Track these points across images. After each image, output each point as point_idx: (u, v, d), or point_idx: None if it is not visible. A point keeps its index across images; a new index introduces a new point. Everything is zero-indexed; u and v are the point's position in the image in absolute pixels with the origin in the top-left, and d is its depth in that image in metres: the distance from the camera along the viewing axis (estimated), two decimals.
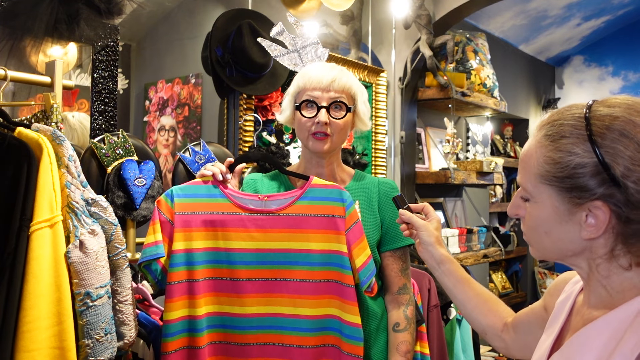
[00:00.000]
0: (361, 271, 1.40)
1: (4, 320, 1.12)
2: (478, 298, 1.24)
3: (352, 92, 1.52)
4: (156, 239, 1.35)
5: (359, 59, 2.97)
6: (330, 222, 1.41)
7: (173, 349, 1.33)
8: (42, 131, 1.29)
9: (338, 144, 1.54)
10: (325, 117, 1.48)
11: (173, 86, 2.51)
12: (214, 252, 1.39)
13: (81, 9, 1.55)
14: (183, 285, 1.36)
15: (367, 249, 1.42)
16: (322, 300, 1.39)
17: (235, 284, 1.39)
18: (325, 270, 1.40)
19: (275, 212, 1.41)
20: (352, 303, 1.38)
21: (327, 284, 1.40)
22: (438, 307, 2.35)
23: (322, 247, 1.40)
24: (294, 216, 1.42)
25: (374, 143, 2.88)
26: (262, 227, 1.41)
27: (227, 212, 1.40)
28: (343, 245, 1.40)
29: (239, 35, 2.10)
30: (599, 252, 0.89)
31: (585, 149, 0.85)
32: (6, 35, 1.50)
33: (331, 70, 1.51)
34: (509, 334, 1.20)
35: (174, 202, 1.39)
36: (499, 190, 4.82)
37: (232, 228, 1.40)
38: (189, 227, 1.38)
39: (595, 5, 4.77)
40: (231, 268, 1.39)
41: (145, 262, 1.35)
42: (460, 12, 3.40)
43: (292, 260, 1.40)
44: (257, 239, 1.40)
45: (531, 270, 5.25)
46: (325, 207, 1.42)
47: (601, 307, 0.90)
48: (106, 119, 1.71)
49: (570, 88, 5.78)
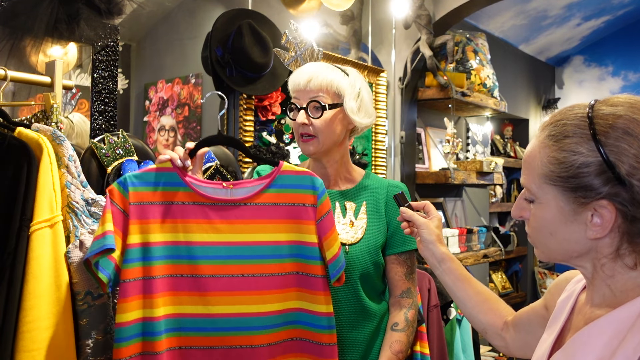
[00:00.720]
0: (332, 264, 1.31)
1: (4, 320, 1.13)
2: (479, 296, 1.24)
3: (334, 88, 1.46)
4: (105, 230, 1.17)
5: (359, 59, 2.97)
6: (301, 212, 1.32)
7: (127, 355, 1.17)
8: (42, 131, 1.29)
9: (327, 143, 1.48)
10: (302, 118, 1.45)
11: (173, 86, 2.51)
12: (173, 247, 1.25)
13: (81, 9, 1.55)
14: (138, 283, 1.21)
15: (338, 241, 1.33)
16: (288, 294, 1.30)
17: (197, 281, 1.25)
18: (293, 262, 1.31)
19: (241, 202, 1.30)
20: (320, 293, 1.30)
21: (293, 276, 1.31)
22: (438, 307, 2.35)
23: (291, 237, 1.31)
24: (262, 205, 1.31)
25: (374, 143, 2.88)
26: (227, 218, 1.28)
27: (188, 201, 1.27)
28: (313, 236, 1.31)
29: (239, 35, 2.10)
30: (605, 251, 0.89)
31: (589, 148, 0.85)
32: (6, 35, 1.50)
33: (310, 70, 1.47)
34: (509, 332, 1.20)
35: (129, 191, 1.23)
36: (499, 190, 4.82)
37: (193, 219, 1.27)
38: (145, 219, 1.24)
39: (595, 5, 4.78)
40: (193, 264, 1.26)
41: (93, 257, 1.16)
42: (460, 12, 3.40)
43: (261, 253, 1.29)
44: (222, 231, 1.28)
45: (531, 270, 5.25)
46: (295, 196, 1.32)
47: (604, 306, 0.89)
48: (106, 119, 1.71)
49: (570, 88, 5.78)
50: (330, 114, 1.46)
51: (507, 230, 4.86)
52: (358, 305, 1.48)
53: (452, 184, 3.27)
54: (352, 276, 1.47)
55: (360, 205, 1.53)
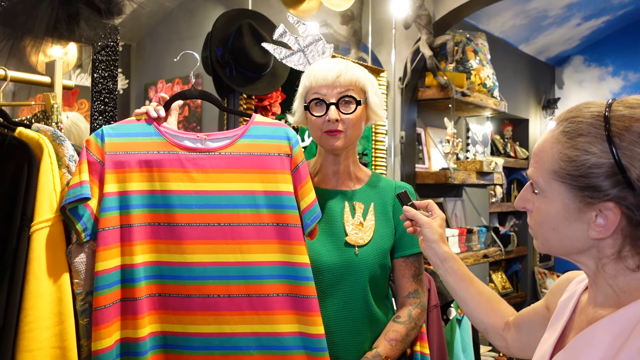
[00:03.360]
0: (306, 213, 1.31)
1: (5, 320, 1.12)
2: (480, 296, 1.24)
3: (361, 84, 1.47)
4: (81, 179, 1.19)
5: (359, 59, 2.97)
6: (276, 161, 1.31)
7: (109, 302, 1.19)
8: (43, 131, 1.29)
9: (353, 139, 1.49)
10: (335, 114, 1.43)
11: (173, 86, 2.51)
12: (150, 195, 1.26)
13: (81, 9, 1.55)
14: (116, 231, 1.22)
15: (312, 191, 1.33)
16: (268, 246, 1.29)
17: (173, 229, 1.26)
18: (270, 212, 1.30)
19: (215, 151, 1.30)
20: (299, 243, 1.29)
21: (272, 227, 1.30)
22: (438, 307, 2.35)
23: (268, 187, 1.30)
24: (237, 155, 1.31)
25: (374, 143, 2.88)
26: (202, 167, 1.29)
27: (163, 150, 1.28)
28: (289, 185, 1.31)
29: (239, 35, 2.10)
30: (606, 252, 0.88)
31: (602, 149, 0.84)
32: (6, 35, 1.50)
33: (336, 65, 1.47)
34: (511, 332, 1.20)
35: (105, 141, 1.25)
36: (499, 190, 4.82)
37: (169, 168, 1.27)
38: (121, 168, 1.25)
39: (595, 5, 4.78)
40: (169, 212, 1.26)
41: (69, 205, 1.19)
42: (460, 12, 3.40)
43: (236, 202, 1.29)
44: (197, 179, 1.28)
45: (531, 270, 5.25)
46: (269, 146, 1.32)
47: (607, 306, 0.89)
48: (106, 119, 1.71)
49: (570, 88, 5.78)
50: (360, 109, 1.47)
51: (507, 230, 4.86)
52: (365, 309, 1.46)
53: (452, 184, 3.27)
54: (362, 279, 1.45)
55: (369, 207, 1.51)
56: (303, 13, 2.64)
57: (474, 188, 4.03)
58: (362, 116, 1.49)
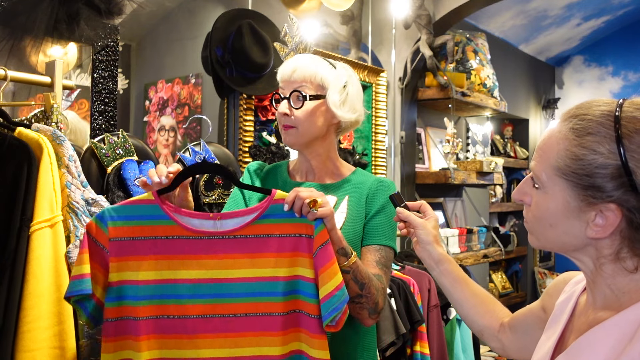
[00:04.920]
0: (324, 303, 1.15)
1: (4, 320, 1.13)
2: (476, 298, 1.22)
3: (319, 80, 1.41)
4: (82, 272, 1.11)
5: (359, 59, 2.97)
6: (296, 243, 1.19)
7: None
8: (42, 131, 1.29)
9: (307, 135, 1.43)
10: (283, 108, 1.41)
11: (173, 86, 2.51)
12: (158, 286, 1.16)
13: (81, 9, 1.55)
14: (122, 323, 1.14)
15: (337, 277, 1.17)
16: (288, 336, 1.18)
17: (185, 322, 1.16)
18: (291, 299, 1.19)
19: (230, 234, 1.19)
20: (319, 336, 1.17)
21: (294, 315, 1.19)
22: (438, 307, 2.35)
23: (288, 272, 1.19)
24: (254, 237, 1.19)
25: (374, 143, 2.88)
26: (215, 252, 1.18)
27: (172, 236, 1.17)
28: (310, 270, 1.18)
29: (239, 35, 2.10)
30: (604, 252, 0.88)
31: (610, 149, 0.83)
32: (6, 35, 1.50)
33: (297, 61, 1.44)
34: (506, 334, 1.18)
35: (108, 226, 1.15)
36: (499, 190, 4.82)
37: (178, 255, 1.17)
38: (126, 256, 1.16)
39: (595, 5, 4.78)
40: (179, 304, 1.16)
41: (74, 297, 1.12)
42: (460, 12, 3.40)
43: (254, 291, 1.18)
44: (210, 267, 1.18)
45: (531, 270, 5.25)
46: (290, 226, 1.20)
47: (608, 309, 0.88)
48: (106, 119, 1.71)
49: (570, 88, 5.79)
50: (311, 105, 1.41)
51: (507, 230, 4.86)
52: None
53: (452, 184, 3.27)
54: None
55: (342, 200, 1.46)
56: (303, 13, 2.64)
57: (474, 188, 4.04)
58: (315, 112, 1.42)
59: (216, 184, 1.94)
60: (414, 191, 3.36)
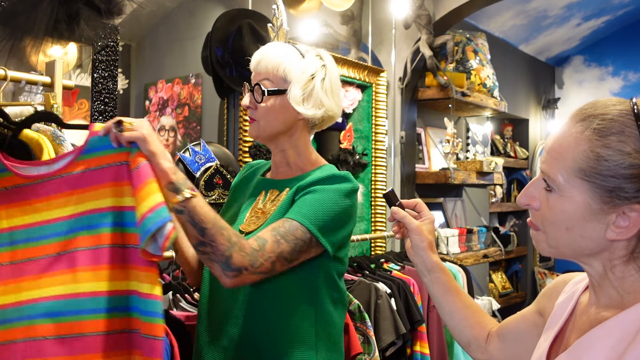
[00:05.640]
0: (140, 226, 1.08)
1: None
2: (467, 310, 1.18)
3: (281, 72, 1.33)
4: None
5: (359, 59, 2.97)
6: (117, 172, 1.16)
7: None
8: (42, 131, 1.29)
9: (268, 130, 1.36)
10: (245, 101, 1.37)
11: (173, 86, 2.51)
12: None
13: (81, 9, 1.55)
14: None
15: (155, 196, 1.09)
16: (114, 272, 1.13)
17: (14, 267, 1.13)
18: (116, 232, 1.15)
19: (57, 175, 1.17)
20: (145, 269, 1.12)
21: (119, 249, 1.14)
22: None
23: (113, 203, 1.15)
24: (77, 174, 1.17)
25: (374, 143, 2.88)
26: (45, 195, 1.17)
27: (10, 186, 1.17)
28: (132, 198, 1.13)
29: (239, 35, 2.10)
30: (619, 253, 0.86)
31: (636, 148, 0.81)
32: (6, 35, 1.50)
33: (263, 51, 1.38)
34: (494, 343, 1.14)
35: None
36: (499, 190, 4.83)
37: (15, 204, 1.16)
38: None
39: (595, 5, 4.78)
40: (12, 250, 1.14)
41: None
42: (460, 12, 3.40)
43: (77, 226, 1.15)
44: (40, 209, 1.16)
45: (531, 270, 5.26)
46: (109, 157, 1.17)
47: (611, 308, 0.87)
48: (106, 119, 1.71)
49: (570, 88, 5.79)
50: (270, 100, 1.34)
51: (507, 230, 4.86)
52: (248, 296, 1.29)
53: (452, 184, 3.27)
54: None
55: (282, 193, 1.37)
56: (303, 13, 2.64)
57: (474, 188, 4.04)
58: (274, 108, 1.34)
59: (216, 184, 1.94)
60: (414, 191, 3.36)
